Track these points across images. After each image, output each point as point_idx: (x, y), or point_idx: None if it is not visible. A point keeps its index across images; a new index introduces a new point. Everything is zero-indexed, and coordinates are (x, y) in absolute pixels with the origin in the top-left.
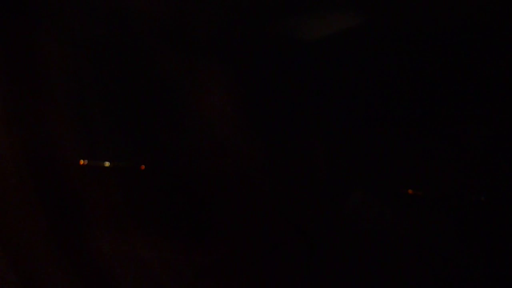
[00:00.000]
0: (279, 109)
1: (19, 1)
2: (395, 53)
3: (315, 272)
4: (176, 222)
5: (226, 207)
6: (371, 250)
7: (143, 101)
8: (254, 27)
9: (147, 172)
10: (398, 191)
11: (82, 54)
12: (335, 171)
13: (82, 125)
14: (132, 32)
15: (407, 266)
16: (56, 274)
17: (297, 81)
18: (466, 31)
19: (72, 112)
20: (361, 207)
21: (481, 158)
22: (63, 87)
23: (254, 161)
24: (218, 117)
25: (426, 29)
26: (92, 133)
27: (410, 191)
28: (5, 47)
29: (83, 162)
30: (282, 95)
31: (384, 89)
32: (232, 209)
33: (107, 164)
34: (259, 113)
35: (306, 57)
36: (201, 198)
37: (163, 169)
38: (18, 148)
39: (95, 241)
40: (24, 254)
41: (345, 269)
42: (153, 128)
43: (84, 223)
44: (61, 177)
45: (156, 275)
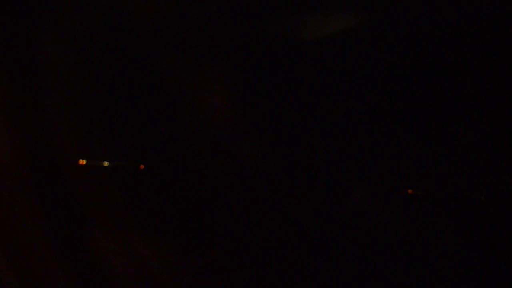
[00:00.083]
0: (279, 109)
1: (19, 1)
2: (395, 52)
3: (315, 272)
4: (175, 221)
5: (226, 206)
6: (371, 250)
7: (142, 100)
8: (254, 27)
9: (146, 172)
10: (398, 191)
11: (81, 54)
12: (335, 170)
13: (82, 124)
14: (132, 32)
15: (407, 266)
16: (55, 273)
17: (297, 81)
18: (466, 30)
19: (72, 112)
20: (361, 206)
21: (481, 158)
22: (62, 87)
23: (253, 160)
24: (218, 116)
25: (427, 29)
26: (91, 133)
27: (410, 191)
28: (4, 47)
29: (82, 161)
30: (282, 95)
31: (384, 89)
32: (232, 208)
33: (106, 163)
34: (259, 112)
35: (306, 57)
36: (200, 197)
37: (162, 168)
38: (17, 148)
39: (95, 240)
40: (23, 253)
41: (345, 269)
42: (152, 128)
43: (83, 222)
44: (60, 176)
45: (155, 274)
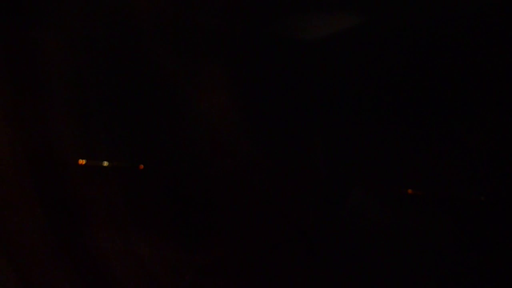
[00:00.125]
0: (279, 108)
1: (19, 1)
2: (395, 52)
3: (315, 272)
4: (175, 221)
5: (226, 206)
6: (370, 250)
7: (142, 100)
8: (254, 27)
9: (145, 172)
10: (398, 191)
11: (81, 54)
12: (334, 170)
13: (81, 124)
14: (132, 32)
15: (407, 266)
16: (55, 273)
17: (297, 81)
18: (466, 30)
19: (71, 111)
20: (360, 207)
21: (481, 158)
22: (62, 86)
23: (253, 160)
24: (218, 116)
25: (427, 28)
26: (90, 133)
27: (410, 191)
28: (4, 46)
29: (81, 161)
30: (282, 94)
31: (384, 89)
32: (232, 208)
33: (105, 163)
34: (259, 112)
35: (306, 57)
36: (200, 197)
37: (162, 168)
38: (16, 148)
39: (94, 240)
40: (23, 253)
41: (344, 269)
42: (152, 128)
43: (83, 222)
44: (60, 176)
45: (155, 274)
